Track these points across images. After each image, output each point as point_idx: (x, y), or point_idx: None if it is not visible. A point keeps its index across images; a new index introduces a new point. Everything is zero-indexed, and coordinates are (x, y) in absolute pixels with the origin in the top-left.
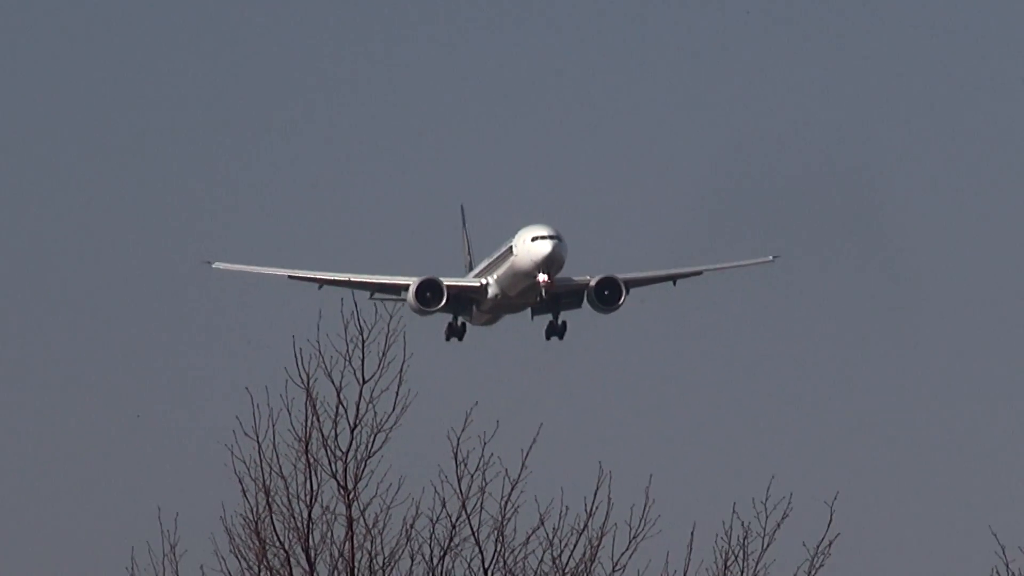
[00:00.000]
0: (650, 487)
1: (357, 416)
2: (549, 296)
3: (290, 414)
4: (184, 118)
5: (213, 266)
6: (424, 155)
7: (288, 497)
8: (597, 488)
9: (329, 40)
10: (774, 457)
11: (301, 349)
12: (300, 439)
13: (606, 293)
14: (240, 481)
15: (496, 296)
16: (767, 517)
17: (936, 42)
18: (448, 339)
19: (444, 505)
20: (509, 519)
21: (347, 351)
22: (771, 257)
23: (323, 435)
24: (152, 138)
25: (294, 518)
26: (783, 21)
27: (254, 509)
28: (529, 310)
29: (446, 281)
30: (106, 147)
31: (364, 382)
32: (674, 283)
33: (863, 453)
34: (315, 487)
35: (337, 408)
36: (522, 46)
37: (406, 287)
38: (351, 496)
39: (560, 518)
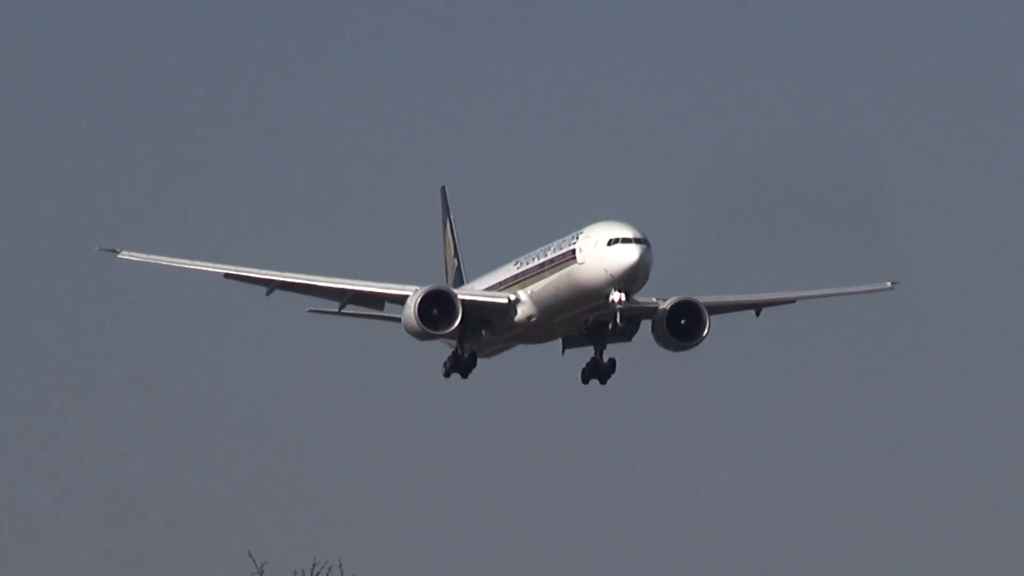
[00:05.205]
0: None
1: None
2: (598, 322)
3: None
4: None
5: (119, 255)
6: (401, 139)
7: None
8: None
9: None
10: None
11: None
12: None
13: (683, 322)
14: None
15: (529, 318)
16: None
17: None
18: (448, 375)
19: None
20: None
21: None
22: (889, 284)
23: None
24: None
25: None
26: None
27: None
28: (560, 341)
29: (460, 295)
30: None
31: None
32: (757, 313)
33: None
34: None
35: None
36: (548, 42)
37: (399, 299)
38: None
39: None
